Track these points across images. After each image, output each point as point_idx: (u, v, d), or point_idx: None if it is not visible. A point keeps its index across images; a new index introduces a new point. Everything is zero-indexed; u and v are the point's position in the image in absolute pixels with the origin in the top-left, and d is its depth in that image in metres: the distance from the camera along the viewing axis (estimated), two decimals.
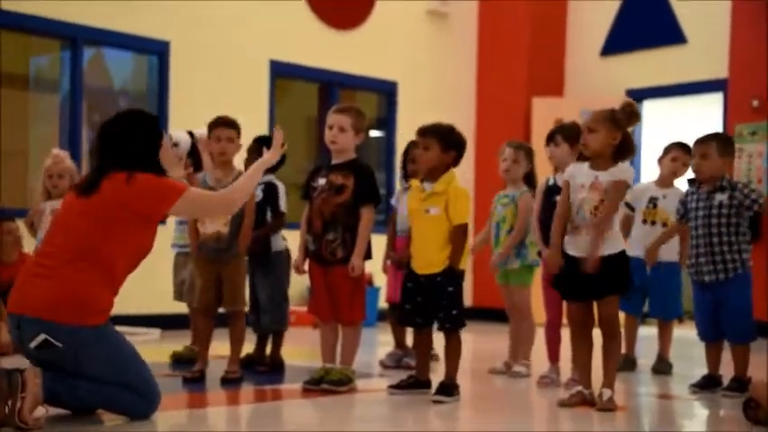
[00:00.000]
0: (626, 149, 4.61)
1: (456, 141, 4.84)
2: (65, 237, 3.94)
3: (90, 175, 4.08)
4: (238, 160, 5.53)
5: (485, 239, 5.99)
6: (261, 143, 5.78)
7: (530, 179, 5.78)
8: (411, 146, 6.00)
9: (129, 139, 4.04)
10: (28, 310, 3.83)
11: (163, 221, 4.31)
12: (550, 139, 5.46)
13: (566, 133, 5.40)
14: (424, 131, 4.84)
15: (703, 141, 5.16)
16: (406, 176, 6.03)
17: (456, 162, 4.87)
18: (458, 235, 4.73)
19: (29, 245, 6.42)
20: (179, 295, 6.16)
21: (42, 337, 3.80)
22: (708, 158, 5.11)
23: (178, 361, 5.96)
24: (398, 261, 5.90)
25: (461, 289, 4.78)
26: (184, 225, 5.95)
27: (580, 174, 4.63)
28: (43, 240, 4.09)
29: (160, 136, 4.16)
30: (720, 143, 5.16)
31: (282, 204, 5.65)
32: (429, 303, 4.77)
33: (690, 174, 5.77)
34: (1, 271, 6.30)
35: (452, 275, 4.71)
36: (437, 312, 4.77)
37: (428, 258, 4.76)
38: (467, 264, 4.85)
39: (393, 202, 6.14)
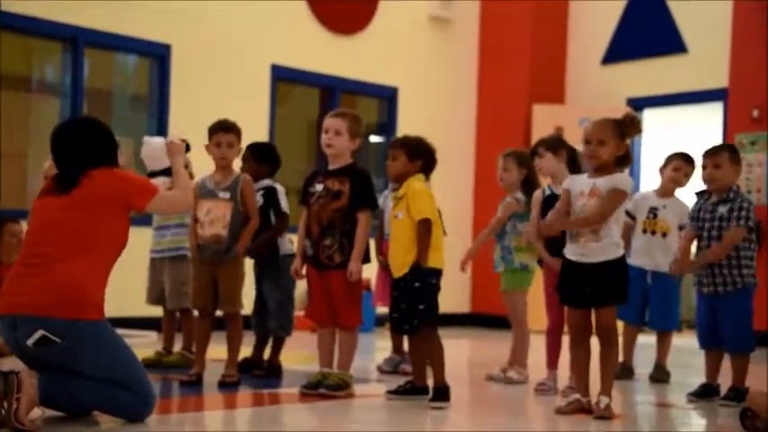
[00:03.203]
0: (625, 159, 4.63)
1: (423, 151, 4.99)
2: (51, 235, 3.95)
3: (62, 175, 4.10)
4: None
5: (482, 241, 6.01)
6: (254, 151, 5.80)
7: (527, 184, 5.77)
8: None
9: (94, 143, 4.14)
10: (23, 308, 3.83)
11: (141, 220, 4.33)
12: (534, 153, 5.56)
13: (546, 144, 5.54)
14: (393, 144, 5.06)
15: (716, 152, 5.18)
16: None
17: (426, 170, 5.00)
18: (420, 231, 4.78)
19: None
20: (151, 299, 6.16)
21: (40, 333, 3.80)
22: (720, 168, 5.12)
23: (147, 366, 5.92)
24: (386, 264, 5.93)
25: (432, 286, 4.80)
26: (162, 231, 5.98)
27: (579, 183, 4.65)
28: (27, 243, 4.09)
29: (115, 142, 4.27)
30: (731, 153, 5.20)
31: (284, 205, 5.67)
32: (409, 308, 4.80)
33: (693, 184, 5.78)
34: (3, 271, 6.29)
35: (418, 272, 4.76)
36: (408, 309, 4.81)
37: (397, 261, 4.85)
38: (440, 261, 4.85)
39: (380, 202, 6.10)
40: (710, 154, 5.19)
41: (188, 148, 5.09)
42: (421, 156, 4.98)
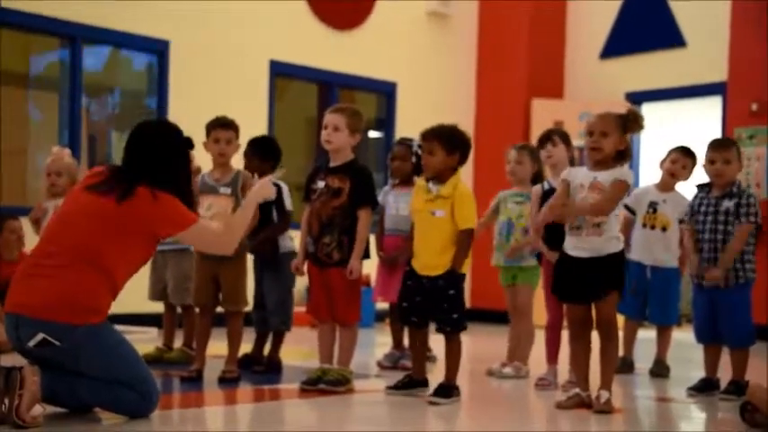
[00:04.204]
0: (624, 154, 4.63)
1: (460, 142, 4.80)
2: (69, 237, 3.91)
3: (118, 180, 3.98)
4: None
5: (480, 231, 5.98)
6: (255, 146, 5.78)
7: (538, 179, 5.78)
8: (394, 145, 6.26)
9: (162, 156, 4.06)
10: (26, 309, 3.82)
11: None
12: (547, 139, 5.52)
13: (561, 134, 5.55)
14: (427, 135, 4.79)
15: (726, 147, 5.17)
16: (392, 175, 6.18)
17: (462, 162, 4.85)
18: (463, 239, 4.71)
19: (32, 242, 6.40)
20: (153, 295, 6.15)
21: (40, 336, 3.80)
22: (730, 164, 5.12)
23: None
24: (388, 260, 5.93)
25: (463, 292, 4.78)
26: None
27: (579, 175, 4.65)
28: (44, 238, 4.06)
29: (189, 156, 4.19)
30: (737, 148, 5.21)
31: (288, 203, 5.66)
32: (427, 304, 4.77)
33: (696, 178, 5.78)
34: (2, 269, 6.29)
35: (454, 278, 4.70)
36: (436, 314, 4.77)
37: (430, 260, 4.75)
38: (468, 267, 4.85)
39: (380, 199, 6.07)
40: (720, 148, 5.15)
41: (191, 146, 5.06)
42: (458, 147, 4.77)
